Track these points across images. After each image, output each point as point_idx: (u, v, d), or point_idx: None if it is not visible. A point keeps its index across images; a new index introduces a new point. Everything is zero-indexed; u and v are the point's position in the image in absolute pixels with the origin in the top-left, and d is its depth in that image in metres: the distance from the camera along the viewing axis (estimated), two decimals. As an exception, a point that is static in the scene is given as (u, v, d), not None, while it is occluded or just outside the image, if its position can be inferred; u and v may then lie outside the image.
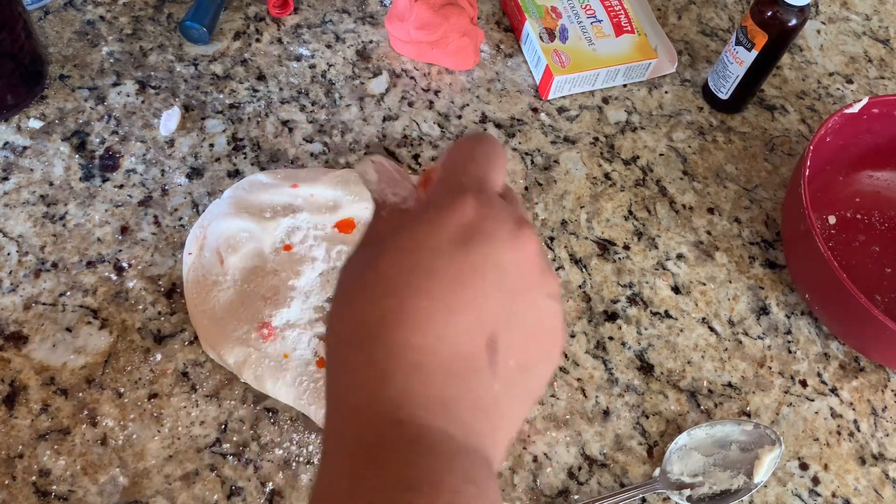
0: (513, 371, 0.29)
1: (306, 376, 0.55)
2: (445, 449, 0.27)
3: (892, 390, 0.63)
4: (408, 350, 0.27)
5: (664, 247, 0.67)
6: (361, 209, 0.61)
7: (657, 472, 0.57)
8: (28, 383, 0.54)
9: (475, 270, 0.28)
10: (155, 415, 0.54)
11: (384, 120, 0.69)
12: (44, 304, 0.57)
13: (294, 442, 0.54)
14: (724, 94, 0.73)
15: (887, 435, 0.61)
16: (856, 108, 0.65)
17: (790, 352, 0.64)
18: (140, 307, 0.57)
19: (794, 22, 0.65)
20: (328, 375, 0.30)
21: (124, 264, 0.59)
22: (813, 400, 0.62)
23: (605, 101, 0.74)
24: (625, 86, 0.75)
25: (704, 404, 0.60)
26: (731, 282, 0.66)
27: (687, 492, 0.56)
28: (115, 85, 0.67)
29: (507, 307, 0.29)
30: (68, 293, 0.57)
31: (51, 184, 0.61)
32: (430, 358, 0.27)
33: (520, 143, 0.70)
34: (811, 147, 0.62)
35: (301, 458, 0.54)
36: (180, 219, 0.61)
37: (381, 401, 0.27)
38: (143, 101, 0.66)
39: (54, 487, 0.51)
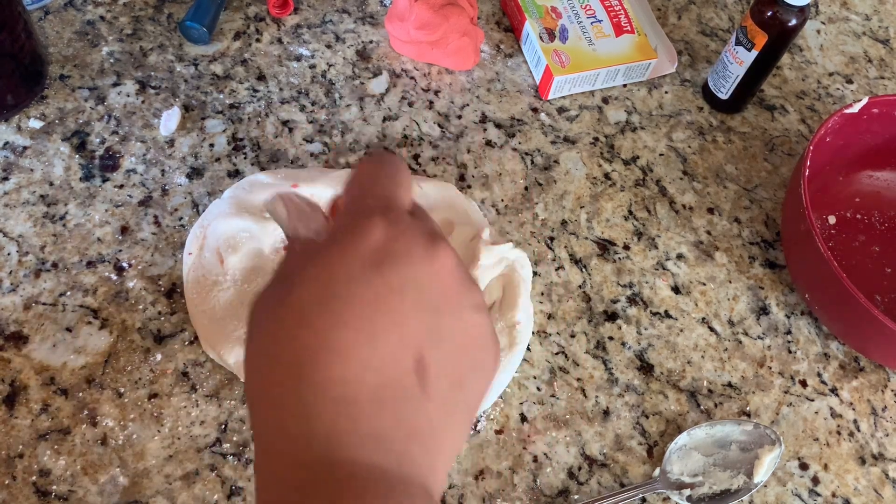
0: (446, 390, 0.28)
1: (306, 376, 0.55)
2: (380, 486, 0.26)
3: (892, 390, 0.63)
4: (332, 384, 0.26)
5: (664, 247, 0.67)
6: (361, 209, 0.61)
7: (657, 472, 0.57)
8: (28, 383, 0.54)
9: (392, 292, 0.27)
10: (155, 415, 0.54)
11: (384, 120, 0.69)
12: (44, 304, 0.57)
13: (294, 442, 0.54)
14: (724, 94, 0.73)
15: (887, 435, 0.61)
16: (856, 108, 0.65)
17: (790, 352, 0.64)
18: (140, 307, 0.57)
19: (794, 22, 0.65)
20: (253, 415, 0.29)
21: (124, 264, 0.59)
22: (813, 400, 0.62)
23: (605, 101, 0.74)
24: (625, 86, 0.75)
25: (704, 404, 0.60)
26: (731, 282, 0.66)
27: (687, 492, 0.56)
28: (115, 85, 0.67)
29: (431, 325, 0.28)
30: (68, 293, 0.57)
31: (51, 184, 0.61)
32: (356, 389, 0.26)
33: (520, 143, 0.70)
34: (811, 147, 0.62)
35: (301, 458, 0.54)
36: (180, 219, 0.61)
37: (309, 441, 0.26)
38: (143, 101, 0.66)
39: (54, 487, 0.51)
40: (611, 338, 0.62)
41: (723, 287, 0.66)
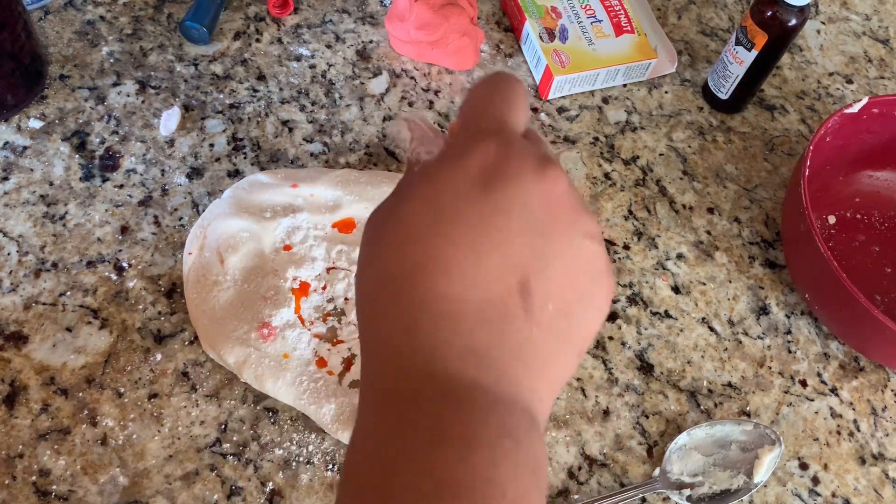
0: (552, 316, 0.28)
1: (306, 376, 0.55)
2: (479, 401, 0.26)
3: (892, 390, 0.63)
4: (435, 299, 0.27)
5: (664, 247, 0.67)
6: (361, 209, 0.61)
7: (657, 471, 0.57)
8: (28, 383, 0.54)
9: (499, 211, 0.27)
10: (155, 415, 0.54)
11: (384, 120, 0.69)
12: (44, 304, 0.57)
13: (294, 442, 0.54)
14: (724, 94, 0.73)
15: (887, 435, 0.61)
16: (856, 108, 0.65)
17: (790, 352, 0.64)
18: (140, 307, 0.57)
19: (794, 22, 0.65)
20: (360, 326, 0.29)
21: (124, 264, 0.59)
22: (813, 400, 0.62)
23: (605, 101, 0.74)
24: (625, 86, 0.75)
25: (704, 404, 0.60)
26: (730, 282, 0.66)
27: (687, 491, 0.56)
28: (115, 85, 0.67)
29: (538, 248, 0.28)
30: (68, 293, 0.57)
31: (51, 184, 0.61)
32: (458, 305, 0.27)
33: (520, 143, 0.70)
34: (811, 147, 0.62)
35: (301, 458, 0.54)
36: (180, 219, 0.61)
37: (411, 352, 0.27)
38: (143, 101, 0.66)
39: (54, 487, 0.51)
40: (611, 337, 0.62)
41: (723, 287, 0.66)
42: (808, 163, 0.61)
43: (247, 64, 0.70)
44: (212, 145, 0.65)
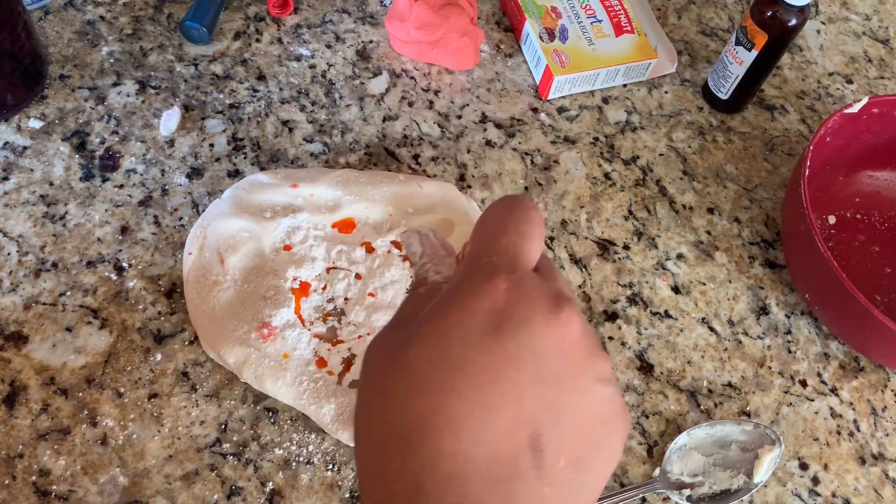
0: (564, 471, 0.26)
1: (306, 376, 0.55)
2: None
3: (892, 390, 0.63)
4: (441, 458, 0.25)
5: (664, 247, 0.67)
6: (361, 209, 0.61)
7: (657, 471, 0.57)
8: (28, 383, 0.54)
9: (509, 362, 0.26)
10: (155, 415, 0.54)
11: (384, 120, 0.69)
12: (44, 304, 0.57)
13: (294, 442, 0.54)
14: (724, 94, 0.73)
15: (887, 435, 0.61)
16: (856, 108, 0.65)
17: (790, 352, 0.64)
18: (140, 307, 0.57)
19: (794, 22, 0.65)
20: (361, 478, 0.28)
21: (124, 264, 0.59)
22: (813, 400, 0.62)
23: (605, 101, 0.74)
24: (625, 86, 0.75)
25: (704, 404, 0.60)
26: (730, 282, 0.66)
27: (687, 492, 0.56)
28: (115, 85, 0.67)
29: (551, 399, 0.26)
30: (68, 293, 0.57)
31: (51, 184, 0.61)
32: (465, 465, 0.25)
33: (520, 143, 0.70)
34: (811, 147, 0.62)
35: (301, 458, 0.54)
36: (180, 219, 0.61)
37: None
38: (143, 101, 0.66)
39: (54, 487, 0.51)
40: (611, 338, 0.62)
41: (723, 287, 0.66)
42: (808, 163, 0.61)
43: (247, 64, 0.70)
44: (212, 145, 0.65)
